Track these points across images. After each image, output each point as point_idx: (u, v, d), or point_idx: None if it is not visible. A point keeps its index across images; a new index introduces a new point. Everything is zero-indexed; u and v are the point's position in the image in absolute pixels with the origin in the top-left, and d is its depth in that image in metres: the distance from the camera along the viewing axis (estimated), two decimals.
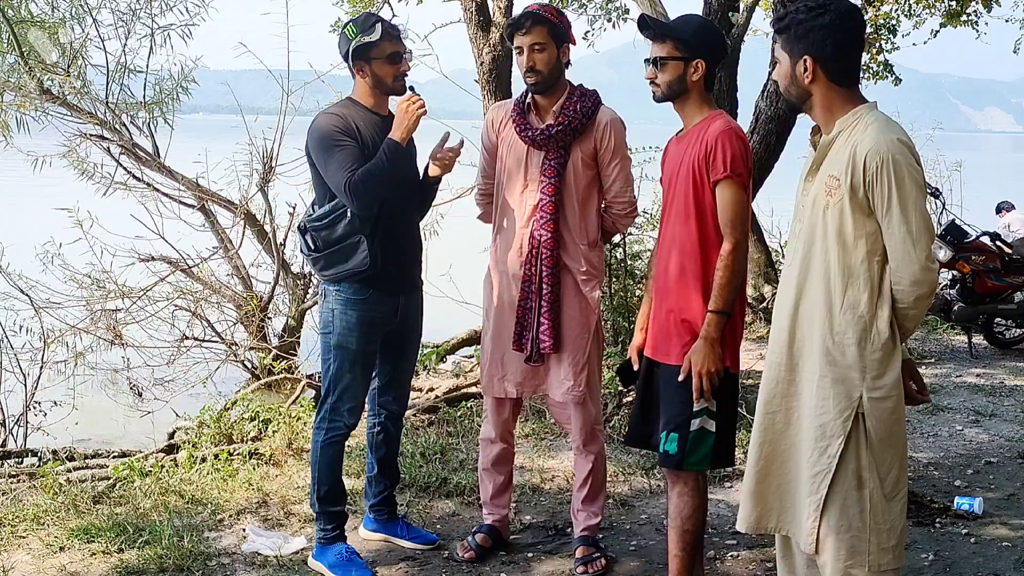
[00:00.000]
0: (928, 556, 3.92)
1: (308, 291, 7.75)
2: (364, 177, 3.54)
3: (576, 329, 3.75)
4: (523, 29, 3.61)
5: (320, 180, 3.70)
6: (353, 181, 3.52)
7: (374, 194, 3.57)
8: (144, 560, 3.85)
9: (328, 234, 3.66)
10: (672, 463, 3.28)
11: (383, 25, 3.63)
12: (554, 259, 3.69)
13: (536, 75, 3.64)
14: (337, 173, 3.55)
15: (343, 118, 3.64)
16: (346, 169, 3.54)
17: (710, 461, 3.28)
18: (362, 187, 3.53)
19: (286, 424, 5.31)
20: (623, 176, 3.76)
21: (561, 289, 3.73)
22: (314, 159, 3.66)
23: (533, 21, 3.60)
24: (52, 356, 6.86)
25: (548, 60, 3.63)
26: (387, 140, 3.59)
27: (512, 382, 3.84)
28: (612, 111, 3.76)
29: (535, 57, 3.61)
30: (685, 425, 3.23)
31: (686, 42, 3.24)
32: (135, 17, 7.03)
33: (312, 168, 3.73)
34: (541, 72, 3.63)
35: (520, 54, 3.64)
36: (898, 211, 2.56)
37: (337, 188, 3.58)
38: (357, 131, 3.63)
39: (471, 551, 3.93)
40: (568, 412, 3.82)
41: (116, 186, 7.24)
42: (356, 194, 3.53)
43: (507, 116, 3.80)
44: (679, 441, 3.24)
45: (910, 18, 11.21)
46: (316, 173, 3.72)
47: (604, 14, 10.86)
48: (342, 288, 3.72)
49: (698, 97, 3.30)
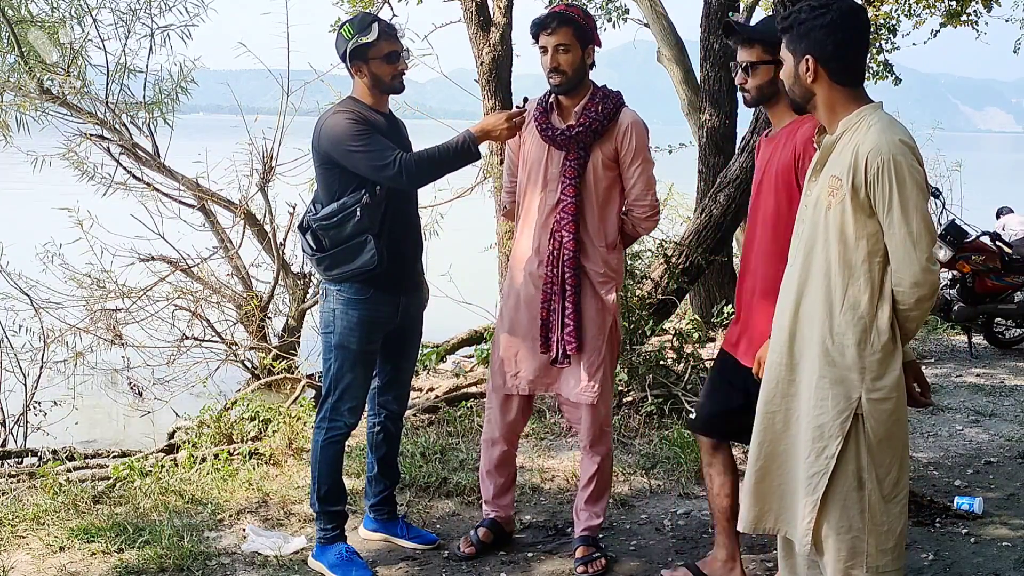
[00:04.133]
0: (928, 556, 3.92)
1: (308, 291, 7.75)
2: (423, 157, 3.56)
3: (593, 331, 3.74)
4: (549, 29, 3.59)
5: (328, 179, 3.68)
6: (406, 159, 3.52)
7: (429, 176, 3.61)
8: (144, 560, 3.85)
9: (336, 233, 3.64)
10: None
11: (380, 25, 3.63)
12: (575, 261, 3.68)
13: (560, 75, 3.62)
14: (377, 157, 3.52)
15: (357, 112, 3.64)
16: (388, 150, 3.53)
17: None
18: (416, 167, 3.53)
19: (286, 424, 5.31)
20: (644, 178, 3.73)
21: (582, 291, 3.73)
22: (336, 155, 3.60)
23: (559, 21, 3.58)
24: (52, 356, 6.85)
25: (572, 61, 3.61)
26: (468, 132, 3.60)
27: (525, 379, 3.84)
28: (634, 113, 3.73)
29: (559, 58, 3.59)
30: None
31: (776, 45, 3.17)
32: (135, 17, 7.03)
33: (320, 167, 3.70)
34: (565, 72, 3.61)
35: (544, 54, 3.62)
36: (899, 212, 2.56)
37: (380, 171, 3.53)
38: (372, 124, 3.63)
39: (472, 546, 3.94)
40: (579, 412, 3.82)
41: (116, 186, 7.24)
42: (409, 172, 3.52)
43: (530, 116, 3.78)
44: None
45: (910, 18, 11.24)
46: (324, 172, 3.69)
47: (604, 14, 10.88)
48: (343, 288, 3.72)
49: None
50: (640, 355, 6.01)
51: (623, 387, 5.96)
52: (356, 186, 3.62)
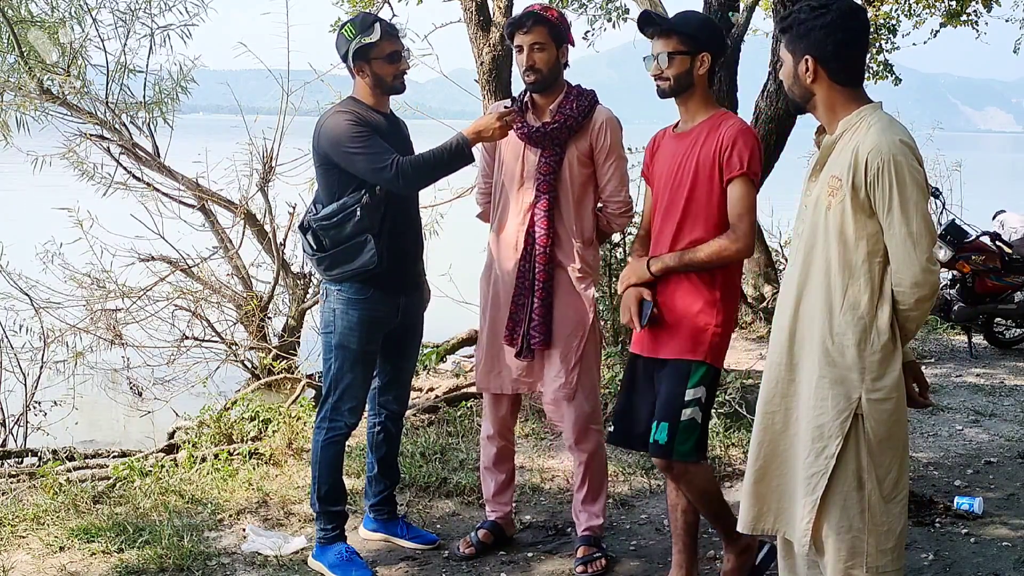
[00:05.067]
0: (928, 556, 3.92)
1: (308, 291, 7.76)
2: (419, 162, 3.57)
3: (569, 327, 3.76)
4: (524, 28, 3.64)
5: (328, 179, 3.69)
6: (403, 163, 3.53)
7: (425, 180, 3.63)
8: (144, 560, 3.85)
9: (336, 233, 3.65)
10: (661, 452, 3.34)
11: (381, 25, 3.64)
12: (548, 256, 3.71)
13: (535, 74, 3.67)
14: (375, 160, 3.54)
15: (357, 114, 3.64)
16: (386, 153, 3.54)
17: (696, 453, 3.35)
18: (412, 171, 3.54)
19: (286, 424, 5.31)
20: (618, 175, 3.78)
21: (555, 286, 3.74)
22: (335, 156, 3.61)
23: (534, 21, 3.63)
24: (52, 356, 6.86)
25: (547, 60, 3.66)
26: (461, 135, 3.60)
27: (507, 378, 3.86)
28: (608, 110, 3.78)
29: (535, 56, 3.65)
30: (676, 414, 3.31)
31: (692, 36, 3.30)
32: (135, 17, 7.04)
33: (320, 167, 3.71)
34: (540, 71, 3.67)
35: (520, 52, 3.67)
36: (899, 212, 2.55)
37: (377, 173, 3.54)
38: (371, 125, 3.64)
39: (472, 546, 3.95)
40: (561, 410, 3.83)
41: (116, 186, 7.25)
42: (405, 176, 3.53)
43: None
44: (669, 430, 3.31)
45: (910, 18, 11.22)
46: (324, 172, 3.70)
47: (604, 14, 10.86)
48: (344, 288, 3.72)
49: (703, 93, 3.36)
50: None
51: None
52: (356, 186, 3.62)
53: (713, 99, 3.42)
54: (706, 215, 3.29)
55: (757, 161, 3.27)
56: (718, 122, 3.32)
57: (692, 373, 3.32)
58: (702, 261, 3.28)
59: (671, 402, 3.32)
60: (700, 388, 3.32)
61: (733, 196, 3.26)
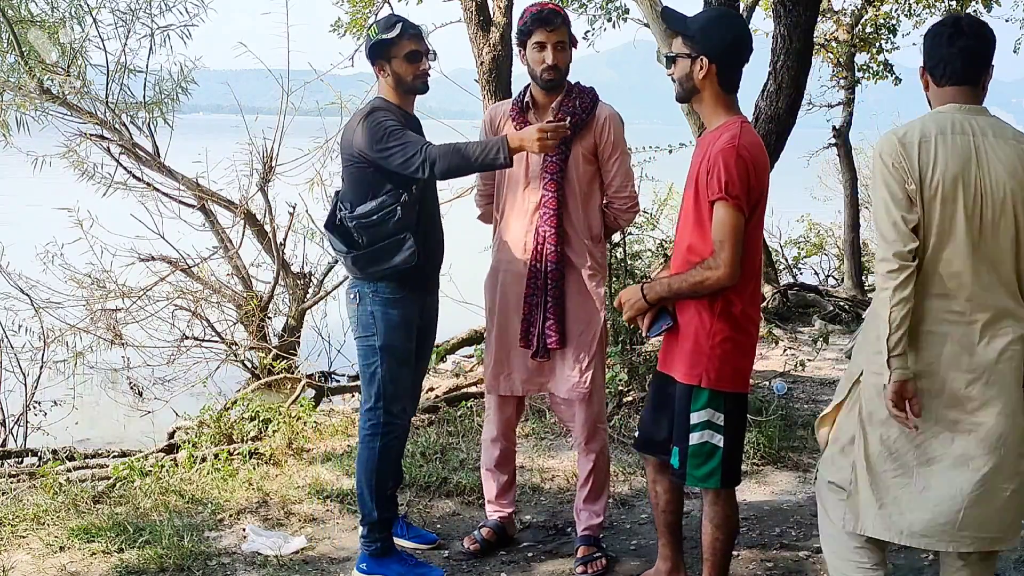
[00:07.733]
0: (928, 556, 3.91)
1: (308, 291, 7.76)
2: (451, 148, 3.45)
3: (582, 326, 3.76)
4: (552, 26, 3.63)
5: (360, 177, 3.62)
6: (433, 148, 3.43)
7: (454, 168, 3.48)
8: (144, 560, 3.85)
9: (376, 230, 3.60)
10: (677, 476, 3.27)
11: (403, 24, 3.65)
12: (559, 255, 3.71)
13: (556, 72, 3.67)
14: (410, 148, 3.46)
15: (389, 110, 3.62)
16: (418, 142, 3.48)
17: (719, 479, 3.18)
18: (442, 157, 3.42)
19: (286, 424, 5.31)
20: (623, 171, 3.79)
21: (566, 285, 3.74)
22: (370, 153, 3.53)
23: (562, 20, 3.66)
24: (52, 356, 6.86)
25: (567, 59, 3.70)
26: (503, 137, 3.43)
27: (518, 380, 3.86)
28: (610, 107, 3.79)
29: (559, 56, 3.65)
30: (685, 439, 3.19)
31: (691, 38, 3.13)
32: (135, 17, 7.04)
33: (352, 167, 3.64)
34: (561, 70, 3.68)
35: (540, 50, 3.65)
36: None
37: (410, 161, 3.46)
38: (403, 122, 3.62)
39: (476, 543, 3.96)
40: (572, 410, 3.83)
41: (116, 186, 7.25)
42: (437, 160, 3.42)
43: (505, 115, 3.82)
44: (680, 454, 3.20)
45: (910, 18, 11.21)
46: (357, 171, 3.63)
47: (604, 14, 10.86)
48: (380, 288, 3.67)
49: (711, 99, 3.14)
50: (640, 355, 6.00)
51: (623, 387, 5.96)
52: (390, 184, 3.58)
53: (728, 105, 3.16)
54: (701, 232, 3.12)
55: (737, 184, 2.99)
56: (720, 134, 3.09)
57: (694, 397, 3.16)
58: (688, 292, 3.12)
59: (680, 425, 3.21)
60: (707, 411, 3.15)
61: (715, 220, 3.04)
